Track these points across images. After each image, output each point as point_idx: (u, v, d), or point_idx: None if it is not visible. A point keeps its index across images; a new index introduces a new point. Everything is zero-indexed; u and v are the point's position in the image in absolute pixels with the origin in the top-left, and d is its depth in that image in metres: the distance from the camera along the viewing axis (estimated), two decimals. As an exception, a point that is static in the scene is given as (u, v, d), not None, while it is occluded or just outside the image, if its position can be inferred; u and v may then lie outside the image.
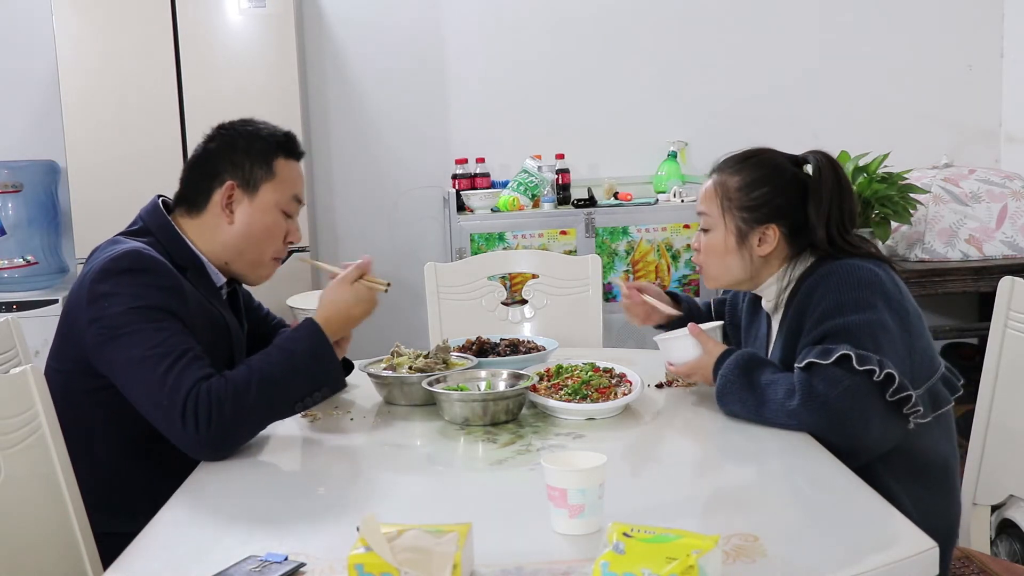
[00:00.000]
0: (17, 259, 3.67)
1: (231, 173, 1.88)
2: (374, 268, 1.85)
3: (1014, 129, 4.04)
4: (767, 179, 1.83)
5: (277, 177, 1.89)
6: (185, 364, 1.64)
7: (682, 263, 3.62)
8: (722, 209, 1.83)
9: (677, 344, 1.88)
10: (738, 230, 1.82)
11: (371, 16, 3.98)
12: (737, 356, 1.77)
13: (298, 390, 1.70)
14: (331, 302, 1.81)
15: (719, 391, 1.76)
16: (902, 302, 1.73)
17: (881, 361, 1.62)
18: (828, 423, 1.63)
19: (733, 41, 4.06)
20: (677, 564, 1.04)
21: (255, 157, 1.88)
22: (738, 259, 1.84)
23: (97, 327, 1.69)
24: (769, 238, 1.82)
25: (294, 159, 1.95)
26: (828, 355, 1.63)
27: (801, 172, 1.86)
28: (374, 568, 1.09)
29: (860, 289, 1.70)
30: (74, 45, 3.39)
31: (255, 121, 1.95)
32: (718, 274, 1.88)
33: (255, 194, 1.88)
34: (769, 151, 1.89)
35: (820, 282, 1.74)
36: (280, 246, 1.94)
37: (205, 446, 1.63)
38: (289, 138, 1.95)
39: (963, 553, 1.84)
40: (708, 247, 1.87)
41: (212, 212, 1.88)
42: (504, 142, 4.01)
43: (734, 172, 1.84)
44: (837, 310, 1.68)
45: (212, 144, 1.92)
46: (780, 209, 1.82)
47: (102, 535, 1.59)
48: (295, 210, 1.94)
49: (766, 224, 1.81)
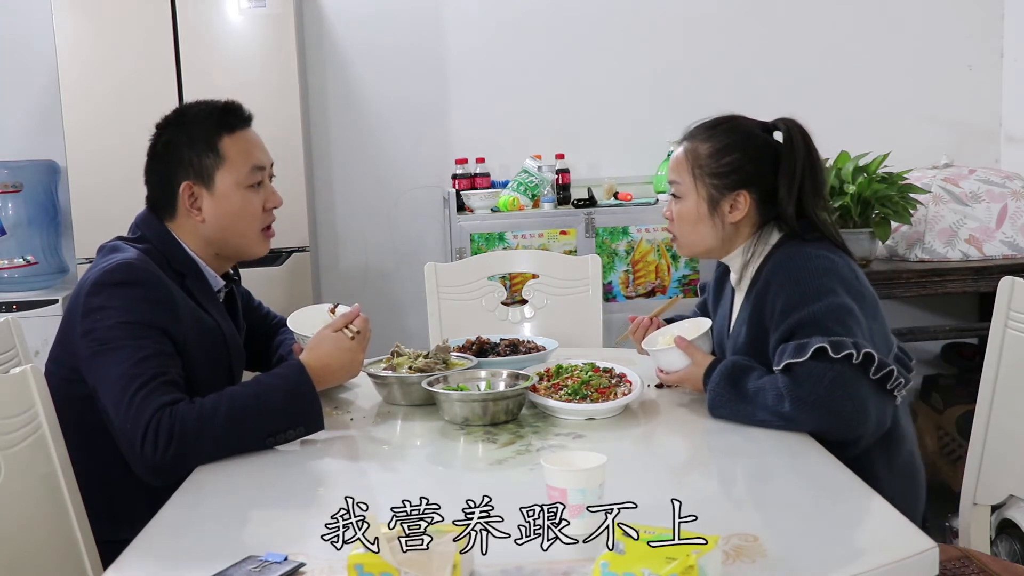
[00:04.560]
0: (17, 259, 3.67)
1: (183, 173, 1.86)
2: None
3: (1014, 129, 4.04)
4: (737, 145, 1.83)
5: (227, 159, 1.86)
6: (152, 388, 1.64)
7: (682, 263, 3.61)
8: (693, 176, 1.84)
9: (666, 356, 1.89)
10: (710, 197, 1.83)
11: (371, 16, 3.98)
12: (722, 368, 1.77)
13: (270, 424, 1.67)
14: (310, 349, 1.80)
15: (711, 404, 1.76)
16: (859, 288, 1.75)
17: (856, 343, 1.63)
18: (825, 420, 1.63)
19: (733, 41, 4.05)
20: (677, 564, 1.04)
21: (198, 148, 1.85)
22: (710, 226, 1.84)
23: (87, 340, 1.70)
24: (740, 205, 1.83)
25: (240, 130, 1.90)
26: (803, 351, 1.63)
27: (771, 139, 1.87)
28: (374, 568, 1.09)
29: (817, 277, 1.71)
30: (74, 45, 3.38)
31: (189, 106, 1.91)
32: (692, 241, 1.89)
33: (212, 185, 1.86)
34: (739, 118, 1.89)
35: (778, 269, 1.75)
36: (262, 218, 1.91)
37: (159, 470, 1.62)
38: (228, 110, 1.90)
39: (963, 553, 1.84)
40: (680, 215, 1.87)
41: (183, 214, 1.88)
42: (504, 142, 4.01)
43: (704, 139, 1.85)
44: (800, 301, 1.69)
45: (158, 146, 1.90)
46: (751, 176, 1.82)
47: (102, 542, 1.59)
48: (261, 178, 1.91)
49: (737, 191, 1.82)
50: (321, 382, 1.75)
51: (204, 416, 1.63)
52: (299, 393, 1.71)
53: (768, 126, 1.89)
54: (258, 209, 1.90)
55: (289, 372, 1.74)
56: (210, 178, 1.86)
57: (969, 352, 3.83)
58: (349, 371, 1.83)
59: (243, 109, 1.92)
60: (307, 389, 1.72)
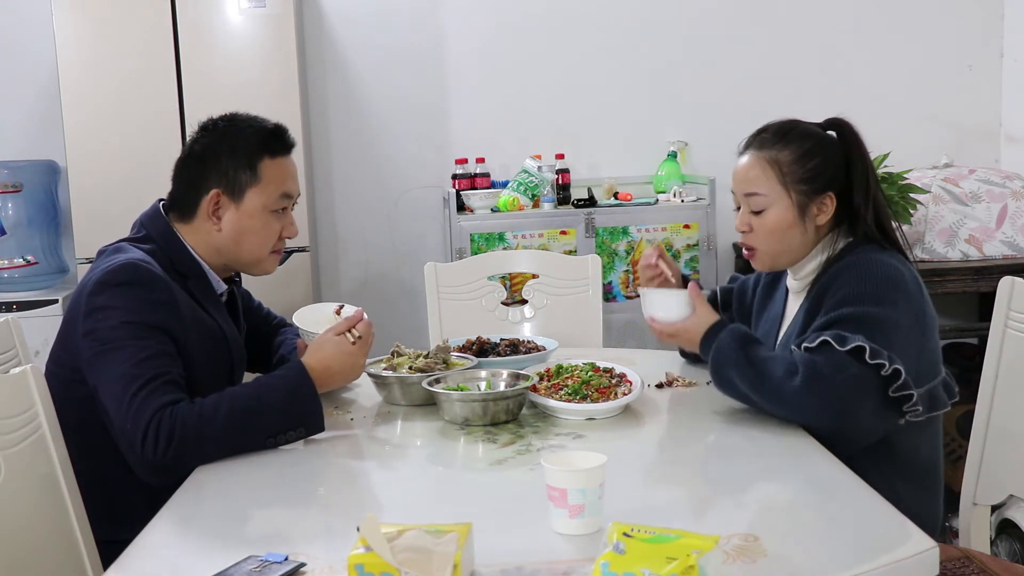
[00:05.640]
0: (17, 259, 3.67)
1: (215, 180, 1.85)
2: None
3: (1014, 129, 4.04)
4: (817, 149, 1.83)
5: (263, 180, 1.86)
6: (153, 389, 1.64)
7: (683, 263, 3.61)
8: (783, 185, 1.81)
9: (666, 299, 1.84)
10: (800, 203, 1.81)
11: (371, 16, 3.98)
12: (733, 329, 1.76)
13: (271, 425, 1.68)
14: (311, 351, 1.81)
15: (715, 362, 1.74)
16: (922, 303, 1.74)
17: (891, 356, 1.63)
18: (825, 406, 1.62)
19: (733, 41, 4.05)
20: (677, 564, 1.04)
21: (239, 162, 1.85)
22: (800, 231, 1.83)
23: (89, 340, 1.70)
24: (827, 207, 1.82)
25: (282, 155, 1.91)
26: (843, 342, 1.63)
27: (835, 139, 1.87)
28: (374, 568, 1.09)
29: (884, 285, 1.70)
30: (74, 45, 3.38)
31: (239, 118, 1.91)
32: (779, 251, 1.85)
33: (241, 200, 1.86)
34: (802, 121, 1.89)
35: (845, 269, 1.75)
36: (275, 243, 1.93)
37: (159, 470, 1.62)
38: (276, 135, 1.90)
39: (963, 553, 1.84)
40: (769, 226, 1.83)
41: (201, 218, 1.87)
42: (504, 142, 4.01)
43: (783, 145, 1.83)
44: (857, 298, 1.69)
45: (197, 147, 1.89)
46: (832, 177, 1.82)
47: (102, 542, 1.59)
48: (286, 205, 1.92)
49: (824, 193, 1.82)
50: (321, 385, 1.76)
51: (204, 416, 1.63)
52: (300, 394, 1.71)
53: (823, 126, 1.89)
54: (275, 234, 1.91)
55: (290, 373, 1.74)
56: (241, 193, 1.86)
57: (969, 352, 3.83)
58: (349, 375, 1.83)
59: (289, 136, 1.93)
60: (308, 390, 1.72)
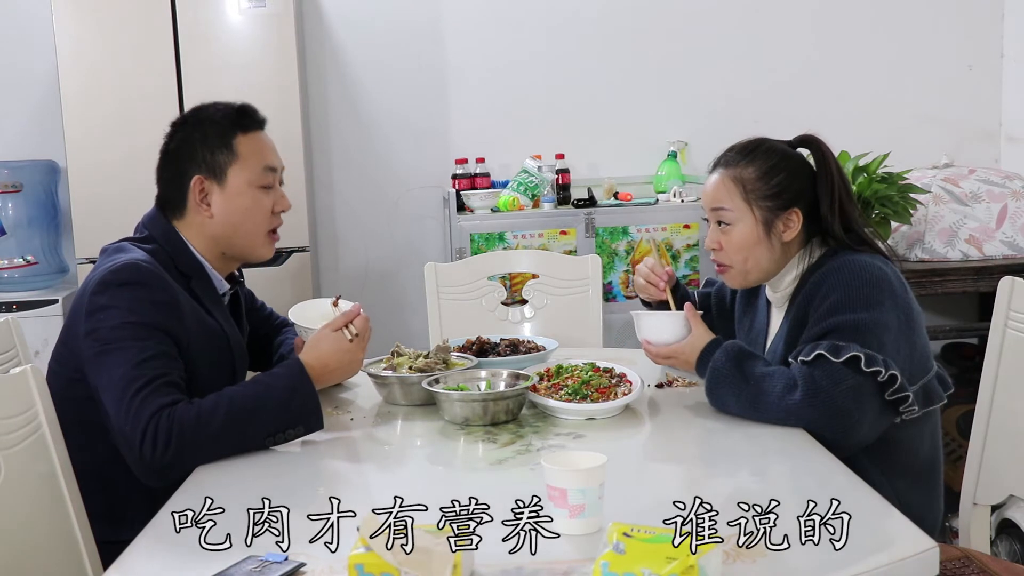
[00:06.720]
0: (17, 259, 3.67)
1: (195, 168, 1.87)
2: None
3: (1014, 129, 4.04)
4: (781, 165, 1.85)
5: (241, 156, 1.87)
6: (153, 390, 1.64)
7: (682, 263, 3.61)
8: (746, 201, 1.83)
9: (660, 322, 1.84)
10: (765, 219, 1.83)
11: (371, 16, 3.98)
12: (728, 347, 1.77)
13: (270, 424, 1.67)
14: (309, 348, 1.81)
15: (711, 382, 1.76)
16: (908, 300, 1.76)
17: (886, 362, 1.64)
18: (826, 418, 1.63)
19: (733, 41, 4.05)
20: (677, 564, 1.04)
21: (213, 143, 1.87)
22: (767, 248, 1.84)
23: (91, 340, 1.70)
24: (793, 223, 1.84)
25: (254, 130, 1.92)
26: (838, 353, 1.64)
27: (803, 156, 1.90)
28: (374, 568, 1.09)
29: (869, 287, 1.71)
30: (74, 45, 3.38)
31: (206, 105, 1.93)
32: (748, 268, 1.86)
33: (224, 180, 1.87)
34: (768, 139, 1.91)
35: (828, 276, 1.75)
36: (270, 220, 1.93)
37: (158, 471, 1.62)
38: (243, 112, 1.92)
39: (963, 553, 1.84)
40: (735, 242, 1.85)
41: (192, 210, 1.88)
42: (504, 142, 4.01)
43: (747, 163, 1.85)
44: (846, 305, 1.69)
45: (172, 144, 1.91)
46: (798, 193, 1.84)
47: (102, 543, 1.59)
48: (272, 180, 1.92)
49: (789, 209, 1.83)
50: (319, 381, 1.75)
51: (203, 417, 1.63)
52: (298, 392, 1.71)
53: (793, 143, 1.91)
54: (267, 209, 1.91)
55: (288, 371, 1.74)
56: (222, 173, 1.87)
57: (969, 352, 3.83)
58: (348, 371, 1.83)
59: (258, 112, 1.95)
60: (306, 388, 1.72)
